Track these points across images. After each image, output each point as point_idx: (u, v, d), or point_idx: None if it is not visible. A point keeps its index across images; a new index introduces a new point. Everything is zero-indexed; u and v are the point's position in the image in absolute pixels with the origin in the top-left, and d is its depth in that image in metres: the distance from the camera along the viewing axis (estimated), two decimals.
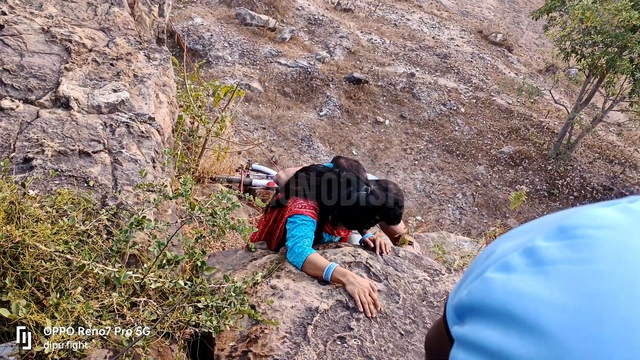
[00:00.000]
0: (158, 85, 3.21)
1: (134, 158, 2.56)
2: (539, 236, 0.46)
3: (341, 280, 2.43)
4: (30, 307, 1.65)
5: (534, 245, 0.46)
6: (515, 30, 18.45)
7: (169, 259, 2.04)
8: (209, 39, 12.41)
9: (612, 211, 0.45)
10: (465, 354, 0.47)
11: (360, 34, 14.71)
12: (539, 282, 0.43)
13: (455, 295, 0.54)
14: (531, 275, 0.44)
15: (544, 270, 0.43)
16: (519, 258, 0.46)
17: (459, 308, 0.51)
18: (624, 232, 0.42)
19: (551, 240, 0.45)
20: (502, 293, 0.45)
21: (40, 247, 1.79)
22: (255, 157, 8.79)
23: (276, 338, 2.13)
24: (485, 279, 0.48)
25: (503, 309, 0.44)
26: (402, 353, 2.21)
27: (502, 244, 0.51)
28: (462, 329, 0.50)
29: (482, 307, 0.47)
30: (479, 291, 0.48)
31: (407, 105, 12.77)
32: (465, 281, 0.53)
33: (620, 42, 10.19)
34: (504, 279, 0.46)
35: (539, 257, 0.44)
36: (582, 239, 0.43)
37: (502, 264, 0.47)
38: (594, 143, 13.02)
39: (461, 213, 10.61)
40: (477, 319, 0.47)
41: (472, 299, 0.49)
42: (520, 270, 0.45)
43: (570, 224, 0.45)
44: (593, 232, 0.43)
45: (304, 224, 2.59)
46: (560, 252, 0.44)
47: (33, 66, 2.82)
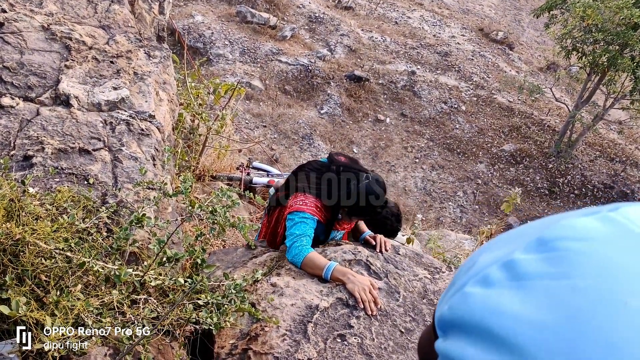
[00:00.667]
0: (158, 83, 3.21)
1: (134, 156, 2.56)
2: (519, 248, 0.46)
3: (341, 279, 2.43)
4: (30, 305, 1.65)
5: (513, 259, 0.45)
6: (517, 28, 18.43)
7: (169, 256, 2.04)
8: (209, 36, 12.41)
9: (592, 221, 0.44)
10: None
11: (361, 32, 14.70)
12: (517, 298, 0.42)
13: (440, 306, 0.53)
14: (510, 290, 0.43)
15: (523, 285, 0.43)
16: (498, 272, 0.45)
17: (441, 322, 0.51)
18: (604, 244, 0.41)
19: (530, 252, 0.44)
20: (482, 309, 0.44)
21: (40, 245, 1.79)
22: (255, 155, 8.79)
23: (276, 336, 2.13)
24: (465, 294, 0.47)
25: (482, 326, 0.43)
26: (402, 351, 2.21)
27: (483, 255, 0.51)
28: (444, 343, 0.49)
29: (463, 323, 0.46)
30: (459, 306, 0.48)
31: (407, 104, 12.76)
32: (448, 293, 0.53)
33: (621, 40, 10.18)
34: (483, 294, 0.45)
35: (517, 271, 0.44)
36: (561, 252, 0.42)
37: (482, 278, 0.47)
38: (594, 141, 13.01)
39: (462, 211, 10.61)
40: (458, 334, 0.47)
41: (453, 314, 0.48)
42: (499, 285, 0.44)
43: (550, 235, 0.44)
44: (572, 245, 0.42)
45: (302, 221, 2.57)
46: (539, 266, 0.43)
47: (33, 64, 2.82)
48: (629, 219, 0.43)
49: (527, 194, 11.30)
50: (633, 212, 0.43)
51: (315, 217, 2.61)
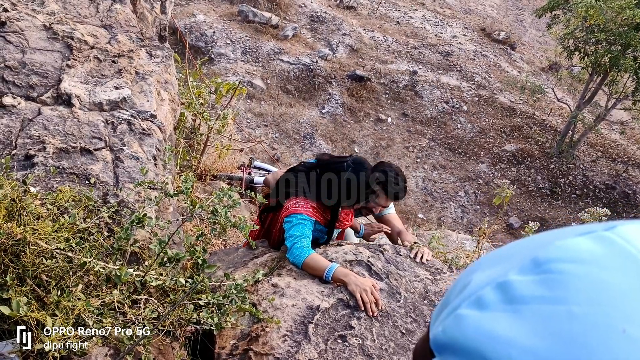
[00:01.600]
0: (160, 82, 3.21)
1: (136, 155, 2.56)
2: (513, 269, 0.45)
3: (343, 280, 2.43)
4: (31, 305, 1.65)
5: (507, 280, 0.44)
6: (518, 28, 18.40)
7: (170, 256, 2.03)
8: (211, 36, 12.41)
9: (587, 242, 0.43)
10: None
11: (363, 32, 14.69)
12: (511, 323, 0.42)
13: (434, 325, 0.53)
14: (504, 314, 0.43)
15: (517, 309, 0.42)
16: (493, 293, 0.45)
17: (435, 344, 0.51)
18: (599, 267, 0.41)
19: (525, 274, 0.44)
20: (476, 333, 0.44)
21: (41, 245, 1.79)
22: (257, 155, 8.78)
23: (277, 336, 2.13)
24: (459, 316, 0.47)
25: (476, 351, 0.43)
26: (403, 352, 2.21)
27: (477, 273, 0.50)
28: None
29: (457, 346, 0.46)
30: (453, 329, 0.47)
31: (409, 103, 12.75)
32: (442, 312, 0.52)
33: (623, 41, 10.15)
34: (477, 317, 0.45)
35: (512, 294, 0.43)
36: (556, 275, 0.42)
37: (476, 300, 0.46)
38: (596, 142, 12.99)
39: (463, 211, 10.60)
40: (452, 356, 0.47)
41: (447, 337, 0.48)
42: (493, 308, 0.44)
43: (544, 257, 0.44)
44: (567, 267, 0.42)
45: (300, 223, 2.58)
46: (533, 289, 0.42)
47: (35, 63, 2.82)
48: (625, 239, 0.42)
49: (529, 194, 11.29)
50: (628, 231, 0.42)
51: (313, 219, 2.62)
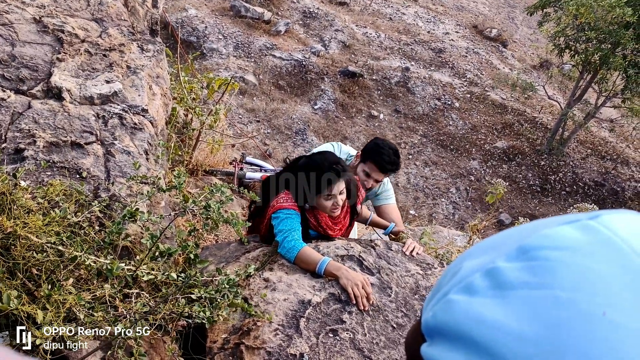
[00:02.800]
0: (151, 77, 3.19)
1: (127, 150, 2.55)
2: (501, 256, 0.47)
3: (335, 274, 2.44)
4: (21, 299, 1.65)
5: (495, 267, 0.46)
6: (510, 25, 18.46)
7: (161, 251, 2.03)
8: (203, 30, 12.36)
9: (572, 230, 0.44)
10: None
11: (356, 28, 14.68)
12: (499, 308, 0.43)
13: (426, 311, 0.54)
14: (492, 300, 0.44)
15: (505, 295, 0.44)
16: (481, 280, 0.46)
17: (426, 329, 0.52)
18: (583, 254, 0.42)
19: (511, 261, 0.45)
20: (465, 317, 0.45)
21: (31, 238, 1.78)
22: (249, 150, 8.78)
23: (268, 330, 2.14)
24: (449, 301, 0.48)
25: (465, 334, 0.45)
26: (393, 346, 2.22)
27: (467, 261, 0.52)
28: (429, 349, 0.51)
29: (447, 330, 0.47)
30: (443, 313, 0.49)
31: (401, 100, 12.77)
32: (433, 298, 0.54)
33: (613, 39, 10.22)
34: (466, 301, 0.46)
35: (499, 280, 0.45)
36: (541, 261, 0.43)
37: (465, 286, 0.48)
38: (586, 139, 13.07)
39: (454, 208, 10.65)
40: (443, 340, 0.48)
41: (437, 321, 0.49)
42: (482, 294, 0.45)
43: (530, 244, 0.45)
44: (552, 254, 0.43)
45: (288, 217, 2.59)
46: (519, 275, 0.44)
47: (25, 56, 2.80)
48: (608, 227, 0.43)
49: (519, 190, 11.35)
50: (612, 220, 0.44)
51: (298, 212, 2.65)
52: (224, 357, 2.09)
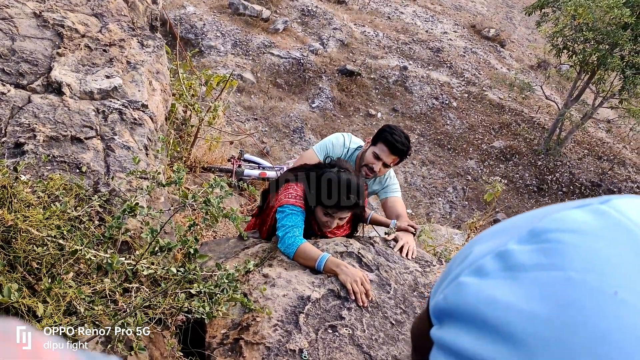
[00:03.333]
0: (151, 72, 3.19)
1: (127, 145, 2.55)
2: (512, 239, 0.47)
3: (334, 270, 2.44)
4: (22, 292, 1.65)
5: (506, 249, 0.46)
6: (508, 25, 18.49)
7: (161, 246, 2.03)
8: (201, 28, 12.34)
9: (583, 214, 0.45)
10: (444, 357, 0.49)
11: (354, 26, 14.68)
12: (510, 289, 0.43)
13: (435, 296, 0.55)
14: (503, 281, 0.44)
15: (516, 276, 0.44)
16: (492, 262, 0.47)
17: (437, 311, 0.52)
18: (594, 237, 0.42)
19: (523, 244, 0.46)
20: (476, 299, 0.46)
21: (32, 232, 1.78)
22: (247, 148, 8.76)
23: (268, 326, 2.14)
24: (460, 284, 0.49)
25: (477, 315, 0.45)
26: (392, 342, 2.23)
27: (477, 246, 0.52)
28: (439, 331, 0.51)
29: (458, 312, 0.48)
30: (454, 296, 0.49)
31: (399, 99, 12.78)
32: (443, 282, 0.54)
33: (611, 40, 10.25)
34: (477, 283, 0.47)
35: (511, 262, 0.45)
36: (553, 244, 0.44)
37: (476, 268, 0.48)
38: (583, 139, 13.11)
39: (451, 207, 10.66)
40: (453, 323, 0.48)
41: (448, 304, 0.49)
42: (493, 275, 0.46)
43: (542, 227, 0.45)
44: (563, 237, 0.43)
45: (293, 213, 2.59)
46: (531, 257, 0.44)
47: (25, 51, 2.79)
48: (619, 211, 0.44)
49: (516, 190, 11.37)
50: (623, 204, 0.45)
51: (304, 210, 2.65)
52: (223, 352, 2.09)
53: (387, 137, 3.00)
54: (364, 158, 3.09)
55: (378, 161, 3.02)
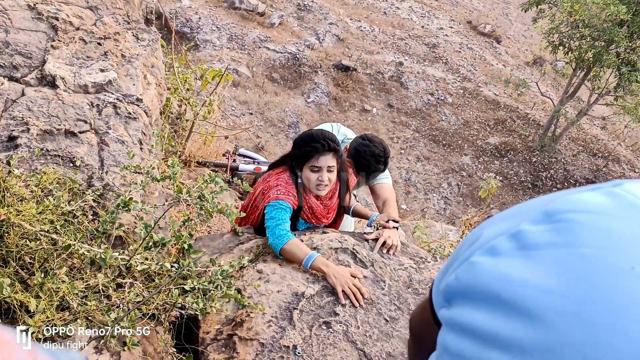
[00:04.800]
0: (146, 66, 3.17)
1: (121, 139, 2.53)
2: (526, 220, 0.47)
3: (322, 270, 2.42)
4: (14, 287, 1.63)
5: (520, 230, 0.46)
6: (504, 21, 18.49)
7: (155, 241, 2.02)
8: (197, 22, 12.28)
9: (597, 195, 0.45)
10: (455, 336, 0.48)
11: (350, 22, 14.65)
12: (525, 266, 0.43)
13: (442, 280, 0.55)
14: (518, 259, 0.44)
15: (531, 254, 0.44)
16: (506, 242, 0.47)
17: (447, 292, 0.52)
18: (608, 216, 0.43)
19: (537, 224, 0.46)
20: (490, 277, 0.46)
21: (25, 226, 1.77)
22: (242, 143, 8.74)
23: (262, 322, 2.14)
24: (473, 263, 0.48)
25: (491, 292, 0.45)
26: (386, 339, 2.23)
27: (488, 228, 0.52)
28: (449, 312, 0.51)
29: (470, 291, 0.47)
30: (466, 275, 0.49)
31: (394, 94, 12.77)
32: (451, 266, 0.54)
33: (607, 36, 10.26)
34: (491, 262, 0.46)
35: (525, 242, 0.45)
36: (568, 223, 0.44)
37: (489, 248, 0.48)
38: (578, 136, 13.15)
39: (446, 203, 10.68)
40: (465, 302, 0.48)
41: (460, 283, 0.49)
42: (507, 254, 0.46)
43: (556, 208, 0.46)
44: (578, 216, 0.44)
45: (282, 208, 2.58)
46: (546, 236, 0.44)
47: (19, 43, 2.77)
48: (632, 193, 0.44)
49: (511, 186, 11.40)
50: (635, 187, 0.45)
51: (292, 207, 2.64)
52: (217, 348, 2.09)
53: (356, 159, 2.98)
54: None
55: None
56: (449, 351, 0.48)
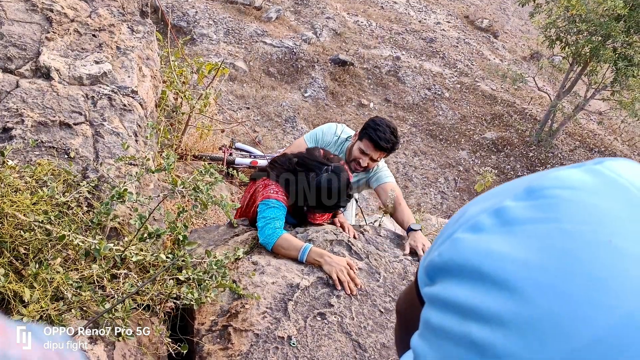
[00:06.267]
0: (141, 58, 3.16)
1: (116, 131, 2.53)
2: (508, 198, 0.48)
3: (318, 261, 2.43)
4: (8, 277, 1.64)
5: (502, 206, 0.47)
6: (501, 16, 18.46)
7: (150, 232, 2.02)
8: (193, 15, 12.24)
9: (579, 172, 0.46)
10: (436, 311, 0.49)
11: (347, 16, 14.61)
12: (506, 241, 0.44)
13: (426, 258, 0.55)
14: (499, 235, 0.45)
15: (512, 230, 0.45)
16: (488, 219, 0.47)
17: (430, 269, 0.52)
18: (589, 192, 0.43)
19: (519, 200, 0.46)
20: (471, 252, 0.46)
21: (19, 217, 1.77)
22: (238, 137, 8.73)
23: (257, 313, 2.14)
24: (455, 240, 0.49)
25: (472, 267, 0.45)
26: (381, 330, 2.24)
27: (472, 207, 0.52)
28: (432, 288, 0.51)
29: (452, 266, 0.48)
30: (449, 251, 0.49)
31: (391, 89, 12.76)
32: (436, 244, 0.54)
33: (604, 31, 10.25)
34: (473, 238, 0.47)
35: (507, 218, 0.46)
36: (549, 199, 0.44)
37: (472, 225, 0.48)
38: (575, 131, 13.15)
39: (443, 197, 10.69)
40: (447, 278, 0.48)
41: (443, 259, 0.50)
42: (489, 230, 0.46)
43: (538, 185, 0.46)
44: (559, 193, 0.44)
45: (275, 207, 2.57)
46: (527, 212, 0.45)
47: (13, 35, 2.76)
48: (613, 170, 0.45)
49: (507, 181, 11.38)
50: (616, 165, 0.46)
51: (286, 206, 2.64)
52: (212, 338, 2.09)
53: (370, 134, 2.98)
54: (351, 153, 3.08)
55: (365, 156, 3.02)
56: (431, 326, 0.49)
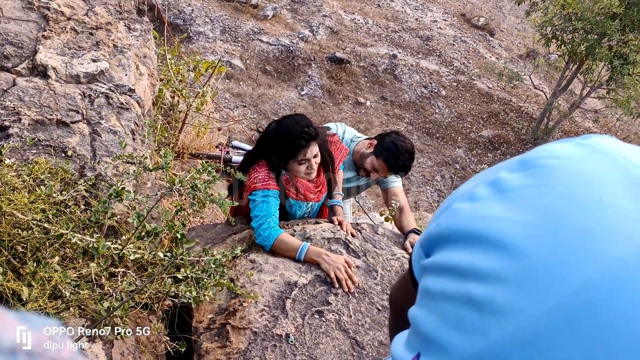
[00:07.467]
0: (138, 56, 3.16)
1: (113, 129, 2.53)
2: (503, 170, 0.51)
3: (316, 260, 2.43)
4: (6, 275, 1.64)
5: (498, 177, 0.50)
6: (498, 14, 18.48)
7: (148, 230, 2.02)
8: (189, 13, 12.21)
9: (567, 145, 0.49)
10: (435, 277, 0.51)
11: (344, 14, 14.61)
12: (502, 206, 0.47)
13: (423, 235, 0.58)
14: (495, 201, 0.48)
15: (507, 196, 0.47)
16: (484, 189, 0.50)
17: (427, 241, 0.55)
18: (578, 159, 0.47)
19: (513, 172, 0.49)
20: (469, 218, 0.49)
21: (17, 215, 1.77)
22: (235, 135, 8.72)
23: (254, 311, 2.15)
24: (453, 210, 0.52)
25: (469, 232, 0.48)
26: (378, 328, 2.25)
27: (467, 184, 0.56)
28: (429, 260, 0.53)
29: (450, 233, 0.50)
30: (447, 220, 0.52)
31: (388, 87, 12.76)
32: (433, 219, 0.57)
33: (600, 30, 10.27)
34: (470, 207, 0.50)
35: (502, 187, 0.48)
36: (542, 168, 0.47)
37: (469, 196, 0.51)
38: (570, 129, 13.19)
39: (439, 195, 10.70)
40: (445, 246, 0.51)
41: (441, 228, 0.52)
42: (485, 199, 0.49)
43: (530, 156, 0.49)
44: (550, 161, 0.47)
45: (264, 201, 2.52)
46: (521, 180, 0.48)
47: (9, 33, 2.75)
48: (600, 143, 0.48)
49: None
50: (601, 139, 0.49)
51: (275, 190, 2.56)
52: (210, 337, 2.09)
53: (390, 160, 2.93)
54: (363, 159, 3.07)
55: (376, 172, 3.03)
56: (430, 292, 0.51)
